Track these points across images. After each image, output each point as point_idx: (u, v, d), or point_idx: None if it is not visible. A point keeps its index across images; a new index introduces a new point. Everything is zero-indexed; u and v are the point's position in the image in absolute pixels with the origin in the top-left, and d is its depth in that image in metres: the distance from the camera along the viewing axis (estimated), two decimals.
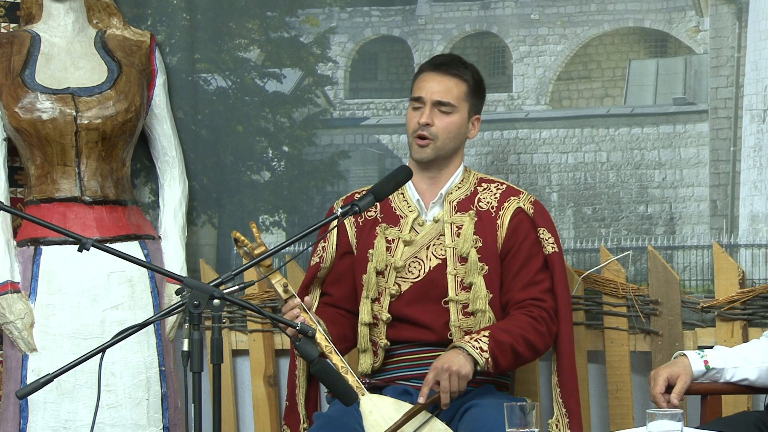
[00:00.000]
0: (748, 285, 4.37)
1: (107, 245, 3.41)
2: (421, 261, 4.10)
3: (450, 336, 4.04)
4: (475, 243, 4.08)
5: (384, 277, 4.10)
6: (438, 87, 4.11)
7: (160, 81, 4.73)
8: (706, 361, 3.78)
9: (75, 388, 4.43)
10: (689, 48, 4.49)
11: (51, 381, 3.24)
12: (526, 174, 4.63)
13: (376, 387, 4.08)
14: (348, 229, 4.21)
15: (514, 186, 4.21)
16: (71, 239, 3.50)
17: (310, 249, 4.39)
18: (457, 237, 4.09)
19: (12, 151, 4.64)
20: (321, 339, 3.88)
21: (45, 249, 4.50)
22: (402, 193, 4.16)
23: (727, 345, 4.07)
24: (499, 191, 4.17)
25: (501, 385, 4.14)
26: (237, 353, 4.86)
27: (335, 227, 4.16)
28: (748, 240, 4.40)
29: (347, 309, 4.20)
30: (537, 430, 3.22)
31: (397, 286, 4.09)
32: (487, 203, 4.14)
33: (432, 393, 3.86)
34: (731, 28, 4.43)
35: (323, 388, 4.30)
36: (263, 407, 4.78)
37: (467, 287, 4.05)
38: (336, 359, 3.86)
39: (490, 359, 3.89)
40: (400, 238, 4.12)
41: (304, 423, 4.21)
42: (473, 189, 4.17)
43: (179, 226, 4.73)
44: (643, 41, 4.56)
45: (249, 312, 4.76)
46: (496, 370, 3.93)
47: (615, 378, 4.48)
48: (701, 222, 4.45)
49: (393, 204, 4.17)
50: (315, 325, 3.88)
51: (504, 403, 3.27)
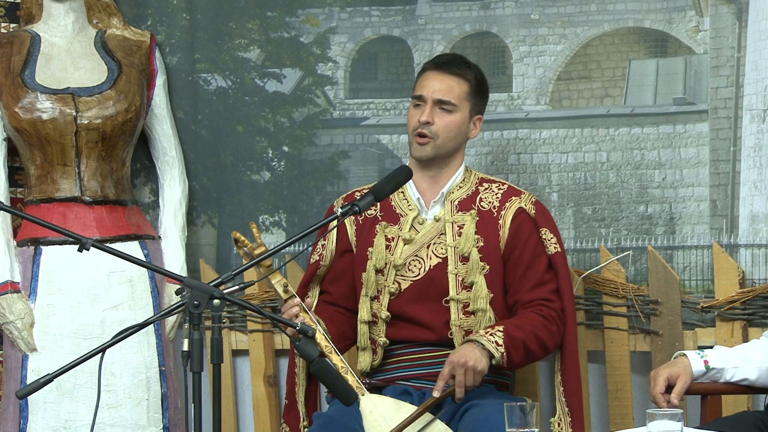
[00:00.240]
0: (748, 285, 4.37)
1: (107, 245, 3.40)
2: (422, 259, 4.10)
3: (450, 335, 4.04)
4: (477, 242, 4.08)
5: (383, 276, 4.10)
6: (439, 86, 4.11)
7: (160, 81, 4.73)
8: (706, 361, 3.77)
9: (75, 388, 4.43)
10: (689, 48, 4.48)
11: (51, 381, 3.23)
12: (526, 174, 4.63)
13: (376, 387, 4.07)
14: (348, 228, 4.21)
15: (515, 186, 4.21)
16: (71, 239, 3.49)
17: (310, 249, 4.39)
18: (459, 236, 4.08)
19: (12, 151, 4.63)
20: (321, 339, 3.88)
21: (45, 249, 4.50)
22: (402, 192, 4.16)
23: (727, 345, 4.07)
24: (501, 191, 4.17)
25: (501, 385, 4.13)
26: (237, 353, 4.86)
27: (335, 227, 4.16)
28: (748, 240, 4.39)
29: (346, 307, 4.20)
30: (537, 430, 3.22)
31: (397, 284, 4.09)
32: (489, 203, 4.14)
33: (447, 387, 3.86)
34: (731, 28, 4.42)
35: (323, 387, 4.30)
36: (263, 407, 4.78)
37: (468, 286, 4.05)
38: (336, 359, 3.86)
39: (505, 354, 3.89)
40: (399, 236, 4.11)
41: (304, 421, 4.21)
42: (474, 189, 4.17)
43: (179, 226, 4.72)
44: (643, 41, 4.55)
45: (249, 312, 4.76)
46: (509, 366, 3.94)
47: (615, 378, 4.48)
48: (701, 222, 4.44)
49: (393, 202, 4.17)
50: (315, 325, 3.88)
51: (504, 403, 3.28)
